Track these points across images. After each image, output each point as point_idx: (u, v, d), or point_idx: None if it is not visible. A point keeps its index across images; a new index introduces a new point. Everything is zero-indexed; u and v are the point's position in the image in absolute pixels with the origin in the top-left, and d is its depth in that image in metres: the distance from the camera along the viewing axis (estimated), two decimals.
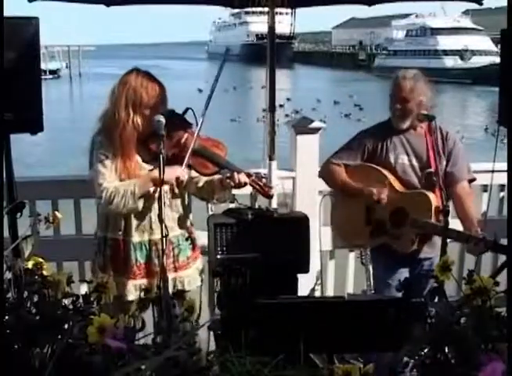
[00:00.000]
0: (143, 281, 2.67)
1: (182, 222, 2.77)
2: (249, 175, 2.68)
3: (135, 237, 2.66)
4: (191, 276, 2.79)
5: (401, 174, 3.05)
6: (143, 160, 2.66)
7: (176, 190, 2.67)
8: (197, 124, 2.66)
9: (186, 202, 2.83)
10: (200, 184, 2.77)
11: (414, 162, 3.05)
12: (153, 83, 2.62)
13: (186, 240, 2.79)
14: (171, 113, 2.64)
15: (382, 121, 3.19)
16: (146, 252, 2.67)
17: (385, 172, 3.06)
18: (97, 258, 2.72)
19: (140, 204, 2.58)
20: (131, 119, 2.57)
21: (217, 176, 2.73)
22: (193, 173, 2.74)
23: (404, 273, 3.05)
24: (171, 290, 2.54)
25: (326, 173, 3.26)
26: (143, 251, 2.67)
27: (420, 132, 3.07)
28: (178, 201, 2.74)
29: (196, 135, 2.60)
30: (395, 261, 3.06)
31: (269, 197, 2.85)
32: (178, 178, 2.54)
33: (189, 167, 2.66)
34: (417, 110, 2.99)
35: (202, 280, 2.88)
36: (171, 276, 2.60)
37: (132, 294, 2.63)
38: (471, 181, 3.11)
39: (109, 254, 2.68)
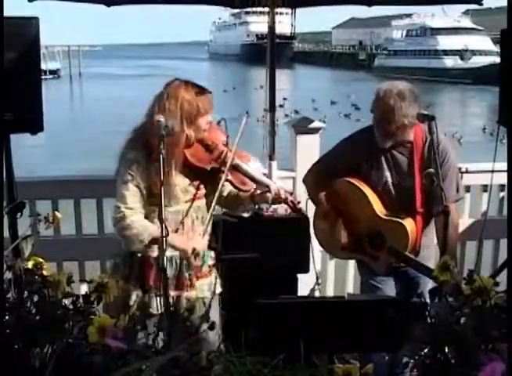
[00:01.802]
0: (171, 294, 2.54)
1: (206, 234, 2.75)
2: (284, 191, 2.66)
3: (167, 252, 2.51)
4: (212, 283, 2.71)
5: (382, 192, 2.90)
6: (184, 176, 2.57)
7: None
8: (229, 136, 2.61)
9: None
10: (225, 194, 2.71)
11: (397, 180, 2.89)
12: (204, 90, 2.53)
13: (209, 250, 2.77)
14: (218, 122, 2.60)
15: (370, 126, 2.92)
16: (176, 266, 2.60)
17: (366, 191, 2.90)
18: (120, 269, 2.60)
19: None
20: (185, 132, 2.48)
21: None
22: (228, 186, 2.68)
23: (389, 280, 2.98)
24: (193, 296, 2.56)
25: (307, 186, 3.14)
26: (173, 265, 2.60)
27: (407, 147, 2.86)
28: (206, 214, 2.65)
29: (235, 149, 2.55)
30: (377, 274, 2.98)
31: (299, 212, 2.81)
32: (194, 250, 2.48)
33: (228, 182, 2.61)
34: (403, 128, 2.74)
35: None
36: (191, 292, 2.60)
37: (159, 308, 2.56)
38: (458, 200, 2.95)
39: (136, 268, 2.58)
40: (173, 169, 2.47)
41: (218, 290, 2.74)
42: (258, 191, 2.66)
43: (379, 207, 2.90)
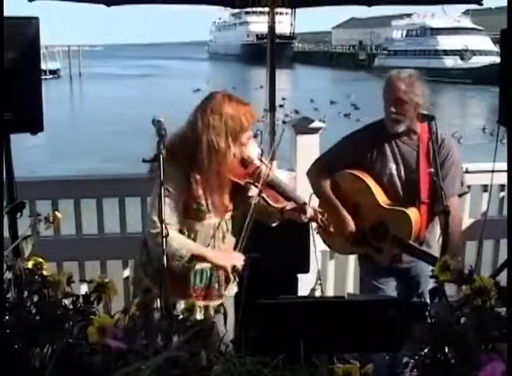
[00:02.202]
0: (199, 303, 2.53)
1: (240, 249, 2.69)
2: (316, 211, 2.64)
3: (197, 265, 2.55)
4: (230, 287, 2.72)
5: (387, 184, 2.91)
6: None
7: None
8: (262, 151, 2.60)
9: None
10: (254, 201, 2.59)
11: (402, 172, 2.90)
12: (246, 105, 2.48)
13: None
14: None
15: (373, 123, 3.02)
16: (206, 278, 2.59)
17: (370, 183, 2.91)
18: (148, 271, 2.57)
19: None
20: (231, 149, 2.42)
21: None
22: (252, 191, 2.61)
23: (391, 281, 2.99)
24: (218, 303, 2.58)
25: (311, 177, 3.12)
26: (203, 276, 2.58)
27: (413, 139, 2.90)
28: (243, 230, 2.58)
29: (270, 165, 2.52)
30: (380, 270, 2.99)
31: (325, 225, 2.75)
32: (234, 267, 2.47)
33: (261, 198, 2.56)
34: (413, 113, 2.81)
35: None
36: (218, 301, 2.61)
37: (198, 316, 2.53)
38: (462, 194, 2.98)
39: (166, 274, 2.56)
40: (215, 188, 2.43)
41: (234, 291, 2.72)
42: (289, 206, 2.61)
43: (382, 198, 2.90)
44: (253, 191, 2.55)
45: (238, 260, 2.48)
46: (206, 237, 2.53)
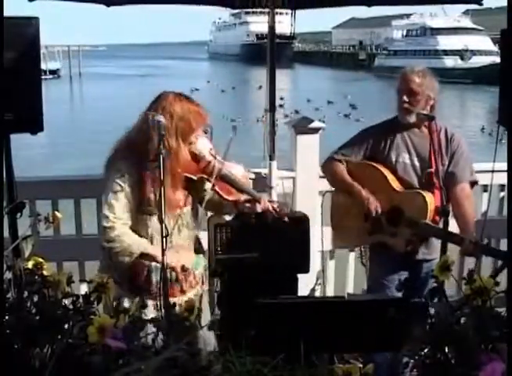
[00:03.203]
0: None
1: (196, 240, 2.79)
2: (270, 202, 2.77)
3: (154, 263, 2.58)
4: (204, 289, 2.81)
5: (401, 173, 3.03)
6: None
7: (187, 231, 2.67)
8: (211, 142, 2.64)
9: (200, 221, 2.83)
10: (207, 197, 2.72)
11: (416, 161, 3.03)
12: (197, 106, 2.54)
13: (201, 257, 2.80)
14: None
15: (387, 119, 3.17)
16: (169, 274, 2.59)
17: (384, 171, 3.04)
18: (111, 272, 2.56)
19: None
20: (182, 149, 2.49)
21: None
22: (206, 185, 2.71)
23: (402, 275, 3.02)
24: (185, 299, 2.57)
25: (327, 169, 3.25)
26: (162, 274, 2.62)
27: (424, 131, 3.04)
28: (197, 221, 2.74)
29: (222, 159, 2.60)
30: (393, 262, 3.04)
31: (285, 215, 2.90)
32: (183, 267, 2.53)
33: (214, 191, 2.66)
34: (425, 105, 2.97)
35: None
36: (187, 294, 2.65)
37: (152, 313, 2.57)
38: (473, 184, 3.08)
39: (128, 274, 2.60)
40: (168, 185, 2.46)
41: (206, 287, 2.82)
42: (243, 198, 2.72)
43: (396, 185, 3.03)
44: (207, 185, 2.66)
45: (187, 259, 2.53)
46: (159, 232, 2.52)
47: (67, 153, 17.22)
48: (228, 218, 3.14)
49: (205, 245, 3.32)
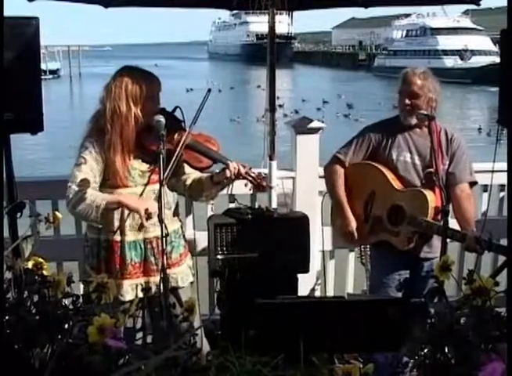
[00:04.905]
0: (140, 280, 2.67)
1: (173, 219, 2.78)
2: (243, 166, 2.68)
3: (129, 237, 2.66)
4: (183, 272, 2.80)
5: (402, 172, 3.04)
6: (142, 160, 2.66)
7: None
8: (185, 123, 2.68)
9: (176, 199, 2.84)
10: (188, 182, 2.78)
11: (416, 161, 3.04)
12: (149, 74, 2.66)
13: (179, 237, 2.80)
14: (162, 111, 2.65)
15: (389, 118, 3.19)
16: (141, 251, 2.67)
17: (385, 171, 3.05)
18: (89, 260, 2.71)
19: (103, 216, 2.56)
20: (132, 112, 2.57)
21: (205, 174, 2.76)
22: (187, 169, 2.75)
23: (403, 275, 3.04)
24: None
25: (327, 173, 3.24)
26: (138, 250, 2.67)
27: (425, 131, 3.05)
28: (170, 199, 2.74)
29: (188, 130, 2.61)
30: (394, 261, 3.05)
31: (263, 188, 2.80)
32: (146, 210, 2.49)
33: (184, 162, 2.68)
34: (426, 107, 2.98)
35: (193, 276, 2.88)
36: (158, 276, 2.58)
37: (129, 294, 2.62)
38: (473, 184, 3.09)
39: (103, 255, 2.67)
40: (125, 151, 2.58)
41: (190, 279, 2.82)
42: (217, 170, 2.73)
43: (397, 184, 3.05)
44: (187, 169, 2.74)
45: (151, 205, 2.50)
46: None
47: (67, 153, 17.22)
48: (227, 219, 3.14)
49: (205, 245, 3.33)
